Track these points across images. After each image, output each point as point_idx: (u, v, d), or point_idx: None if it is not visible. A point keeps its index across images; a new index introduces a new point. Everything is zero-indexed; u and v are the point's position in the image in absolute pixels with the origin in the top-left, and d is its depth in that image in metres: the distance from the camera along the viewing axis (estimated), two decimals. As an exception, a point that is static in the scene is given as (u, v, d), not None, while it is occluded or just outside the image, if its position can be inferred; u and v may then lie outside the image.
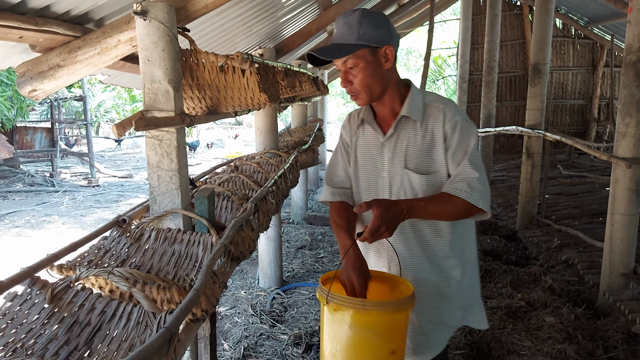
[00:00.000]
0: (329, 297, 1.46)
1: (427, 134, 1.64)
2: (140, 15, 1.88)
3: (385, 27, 1.57)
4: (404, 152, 1.66)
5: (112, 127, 1.69)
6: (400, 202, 1.53)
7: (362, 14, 1.56)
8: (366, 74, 1.58)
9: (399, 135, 1.67)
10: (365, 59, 1.56)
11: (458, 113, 1.63)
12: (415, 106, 1.64)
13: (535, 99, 5.72)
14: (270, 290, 4.27)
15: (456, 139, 1.60)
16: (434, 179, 1.63)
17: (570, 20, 10.58)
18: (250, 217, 2.30)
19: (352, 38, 1.55)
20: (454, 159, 1.60)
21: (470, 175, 1.55)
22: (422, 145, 1.64)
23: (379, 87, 1.62)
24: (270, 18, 3.90)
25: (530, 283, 4.40)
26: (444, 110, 1.62)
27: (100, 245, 1.93)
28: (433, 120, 1.63)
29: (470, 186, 1.53)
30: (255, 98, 2.11)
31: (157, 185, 2.04)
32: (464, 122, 1.62)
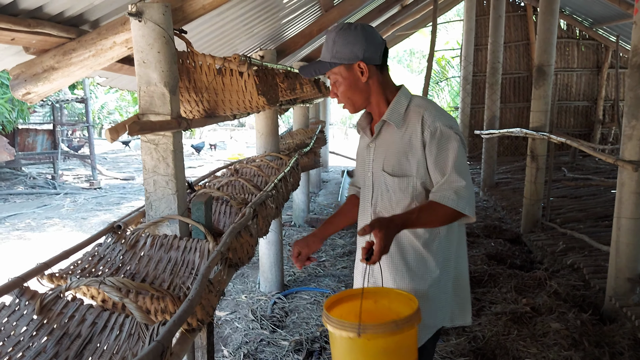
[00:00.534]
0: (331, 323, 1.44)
1: (404, 138, 1.70)
2: (135, 16, 1.83)
3: (359, 43, 1.64)
4: (384, 155, 1.75)
5: (105, 132, 1.64)
6: (395, 218, 1.58)
7: (338, 32, 1.66)
8: (345, 87, 1.69)
9: (381, 139, 1.78)
10: (341, 75, 1.68)
11: (438, 118, 1.66)
12: (397, 111, 1.72)
13: (540, 100, 5.66)
14: (271, 295, 4.21)
15: (436, 146, 1.65)
16: (406, 182, 1.70)
17: (574, 21, 10.51)
18: (248, 223, 2.25)
19: (327, 56, 1.67)
20: (437, 166, 1.65)
21: (456, 184, 1.61)
22: (399, 148, 1.71)
23: (360, 99, 1.72)
24: (271, 19, 3.85)
25: (535, 288, 4.34)
26: (423, 116, 1.67)
27: (94, 252, 1.89)
28: (412, 126, 1.69)
29: (458, 194, 1.59)
30: (254, 101, 2.06)
31: (153, 190, 1.99)
32: (444, 129, 1.65)
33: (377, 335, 1.41)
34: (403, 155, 1.70)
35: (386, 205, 1.75)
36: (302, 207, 6.67)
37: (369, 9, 6.33)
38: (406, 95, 1.76)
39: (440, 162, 1.64)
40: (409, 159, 1.69)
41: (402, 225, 1.57)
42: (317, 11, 4.49)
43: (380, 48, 1.69)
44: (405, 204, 1.71)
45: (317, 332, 3.53)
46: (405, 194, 1.70)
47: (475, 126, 10.25)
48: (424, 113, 1.67)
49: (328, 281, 4.54)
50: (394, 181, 1.71)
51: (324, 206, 7.59)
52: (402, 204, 1.71)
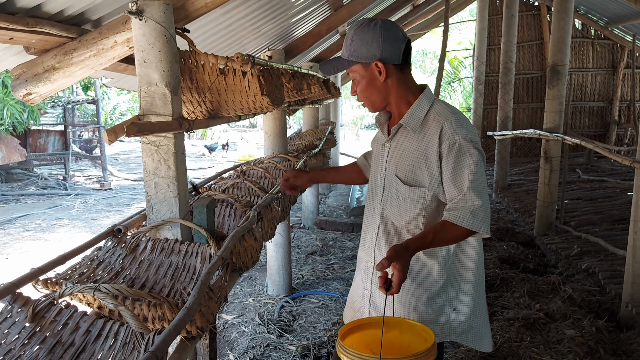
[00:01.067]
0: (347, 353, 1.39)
1: (420, 147, 1.65)
2: (135, 14, 1.78)
3: (375, 42, 1.61)
4: (398, 159, 1.71)
5: (103, 133, 1.60)
6: (410, 245, 1.53)
7: (356, 29, 1.64)
8: (363, 86, 1.68)
9: (396, 142, 1.73)
10: (359, 74, 1.67)
11: (459, 131, 1.59)
12: (416, 116, 1.67)
13: (554, 101, 5.55)
14: (279, 298, 4.16)
15: (453, 161, 1.59)
16: (417, 192, 1.65)
17: (589, 20, 10.34)
18: (253, 226, 2.19)
19: (346, 53, 1.66)
20: (453, 182, 1.60)
21: (472, 203, 1.56)
22: (414, 157, 1.66)
23: (378, 98, 1.70)
24: (279, 19, 3.80)
25: (548, 293, 4.24)
26: (443, 126, 1.61)
27: (94, 256, 1.84)
28: (430, 135, 1.64)
29: (473, 214, 1.55)
30: (257, 102, 2.01)
31: (154, 193, 1.94)
32: (463, 142, 1.58)
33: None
34: (417, 165, 1.65)
35: (394, 212, 1.71)
36: (312, 209, 6.61)
37: (379, 8, 6.26)
38: (428, 99, 1.70)
39: (457, 178, 1.58)
40: (423, 169, 1.64)
41: (416, 250, 1.55)
42: (326, 10, 4.43)
43: (400, 46, 1.64)
44: (414, 214, 1.67)
45: (324, 337, 3.47)
46: (415, 205, 1.66)
47: (488, 127, 10.13)
48: (444, 123, 1.61)
49: (337, 284, 4.47)
50: (406, 190, 1.67)
51: (333, 208, 7.53)
52: (410, 213, 1.67)
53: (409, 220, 1.68)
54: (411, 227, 1.69)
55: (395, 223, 1.72)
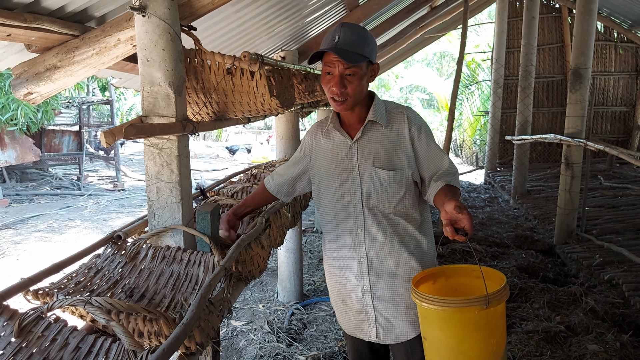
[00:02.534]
0: (430, 301, 1.53)
1: (392, 135, 1.85)
2: (138, 11, 1.70)
3: (376, 45, 1.81)
4: (372, 152, 1.84)
5: (100, 136, 1.51)
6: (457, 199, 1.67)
7: (367, 31, 1.78)
8: (359, 83, 1.74)
9: (366, 138, 1.85)
10: (362, 70, 1.74)
11: (417, 118, 1.89)
12: (380, 112, 1.85)
13: (576, 105, 5.37)
14: (290, 305, 4.06)
15: (425, 141, 1.85)
16: (400, 174, 1.82)
17: (612, 23, 10.09)
18: (260, 234, 2.09)
19: (364, 49, 1.72)
20: (432, 157, 1.84)
21: (454, 168, 1.86)
22: (388, 145, 1.84)
23: (360, 97, 1.79)
24: (293, 18, 3.70)
25: (569, 304, 4.08)
26: (407, 116, 1.86)
27: (92, 264, 1.76)
28: (398, 124, 1.85)
29: (456, 176, 1.86)
30: (266, 103, 1.91)
31: (156, 198, 1.85)
32: (425, 126, 1.88)
33: (499, 302, 1.50)
34: (393, 151, 1.83)
35: (381, 199, 1.84)
36: (325, 213, 6.50)
37: (396, 9, 6.14)
38: (381, 101, 1.90)
39: (433, 153, 1.84)
40: (399, 154, 1.83)
41: None
42: (341, 10, 4.33)
43: None
44: (401, 194, 1.82)
45: (335, 347, 3.35)
46: (400, 186, 1.82)
47: (506, 131, 9.93)
48: (407, 113, 1.86)
49: (349, 292, 4.35)
50: (389, 175, 1.82)
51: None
52: (397, 195, 1.82)
53: (396, 202, 1.83)
54: (399, 209, 1.84)
55: (383, 209, 1.85)
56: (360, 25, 1.81)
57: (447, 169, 1.84)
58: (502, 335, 1.60)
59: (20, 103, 7.84)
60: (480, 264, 1.62)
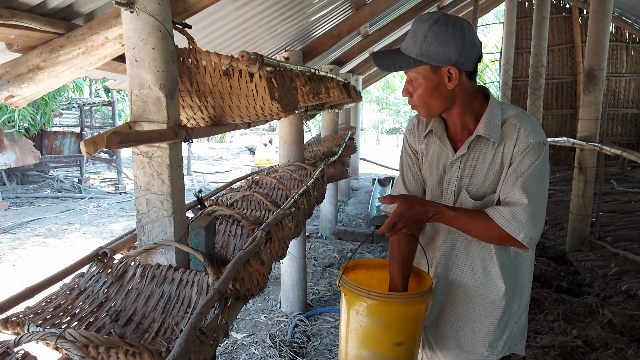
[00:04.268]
0: (341, 282, 1.58)
1: (497, 156, 1.52)
2: (125, 6, 1.54)
3: (454, 44, 1.42)
4: (471, 172, 1.57)
5: (81, 144, 1.35)
6: (429, 204, 1.49)
7: (432, 25, 1.42)
8: (424, 90, 1.47)
9: (470, 156, 1.57)
10: (424, 76, 1.46)
11: (533, 133, 1.48)
12: (494, 124, 1.52)
13: (590, 107, 5.19)
14: (293, 316, 3.89)
15: (518, 161, 1.48)
16: (485, 203, 1.55)
17: (624, 23, 9.88)
18: (260, 249, 1.93)
19: (414, 51, 1.44)
20: (509, 179, 1.50)
21: (516, 201, 1.44)
22: (491, 167, 1.53)
23: (439, 106, 1.50)
24: (297, 17, 3.54)
25: (585, 316, 3.90)
26: (519, 130, 1.49)
27: (74, 284, 1.60)
28: (507, 141, 1.51)
29: (513, 214, 1.43)
30: (266, 107, 1.74)
31: (146, 211, 1.69)
32: (535, 145, 1.47)
33: (384, 304, 1.52)
34: (492, 174, 1.53)
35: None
36: (330, 218, 6.33)
37: (404, 9, 5.98)
38: (497, 105, 1.56)
39: (514, 174, 1.48)
40: (494, 178, 1.54)
41: (434, 214, 1.47)
42: (347, 9, 4.17)
43: (476, 53, 1.48)
44: None
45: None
46: None
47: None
48: (521, 127, 1.49)
49: (355, 302, 4.18)
50: (475, 204, 1.55)
51: (352, 217, 7.23)
52: None
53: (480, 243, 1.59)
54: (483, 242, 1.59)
55: (465, 236, 1.62)
56: (437, 17, 1.44)
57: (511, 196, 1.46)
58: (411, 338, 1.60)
59: (17, 105, 7.71)
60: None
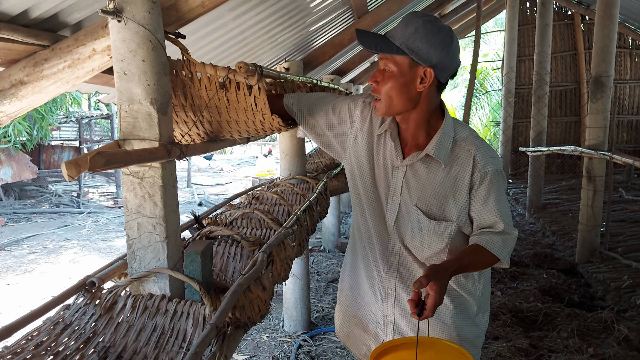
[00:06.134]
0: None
1: (448, 178, 1.50)
2: (112, 15, 1.41)
3: (440, 47, 1.39)
4: (419, 191, 1.53)
5: (62, 167, 1.22)
6: (449, 266, 1.41)
7: (425, 22, 1.39)
8: (394, 83, 1.42)
9: (415, 169, 1.53)
10: (399, 67, 1.41)
11: (490, 162, 1.49)
12: (444, 146, 1.49)
13: (597, 115, 5.08)
14: (296, 336, 3.74)
15: (485, 191, 1.50)
16: (444, 226, 1.51)
17: (627, 29, 9.79)
18: (261, 273, 1.80)
19: (399, 39, 1.39)
20: (485, 212, 1.51)
21: (507, 232, 1.51)
22: (441, 188, 1.51)
23: (400, 105, 1.45)
24: (298, 26, 3.44)
25: (600, 332, 3.75)
26: (475, 157, 1.49)
27: (59, 318, 1.47)
28: (460, 165, 1.50)
29: (505, 243, 1.50)
30: (267, 122, 1.62)
31: (137, 236, 1.56)
32: (494, 174, 1.49)
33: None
34: (444, 198, 1.51)
35: (416, 245, 1.56)
36: (333, 231, 6.20)
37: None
38: (450, 123, 1.53)
39: (488, 207, 1.50)
40: (450, 202, 1.51)
41: (454, 273, 1.43)
42: (349, 17, 4.06)
43: (454, 68, 1.47)
44: (439, 247, 1.54)
45: (347, 387, 3.04)
46: (441, 239, 1.53)
47: (518, 142, 9.60)
48: (477, 153, 1.49)
49: (360, 319, 4.03)
50: (430, 224, 1.51)
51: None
52: (435, 247, 1.54)
53: (432, 253, 1.55)
54: (433, 260, 1.55)
55: (416, 255, 1.58)
56: (430, 18, 1.41)
57: (498, 228, 1.50)
58: None
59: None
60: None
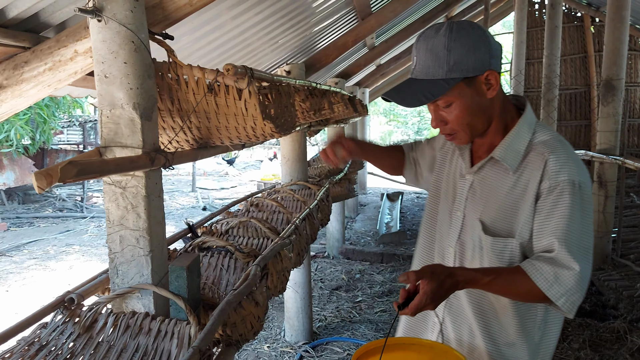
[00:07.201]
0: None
1: (517, 188, 1.28)
2: (91, 14, 1.32)
3: (484, 45, 1.21)
4: (483, 200, 1.34)
5: (32, 178, 1.13)
6: (457, 273, 1.21)
7: (449, 34, 1.19)
8: (463, 111, 1.24)
9: (483, 176, 1.35)
10: (460, 94, 1.23)
11: (565, 170, 1.22)
12: (514, 148, 1.29)
13: (609, 119, 4.96)
14: (298, 347, 3.64)
15: (550, 203, 1.23)
16: (503, 244, 1.29)
17: (638, 31, 9.62)
18: (254, 288, 1.70)
19: (440, 72, 1.20)
20: (544, 230, 1.23)
21: (564, 264, 1.19)
22: (507, 199, 1.29)
23: (482, 123, 1.29)
24: (299, 28, 3.34)
25: (612, 343, 3.62)
26: (547, 162, 1.24)
27: (34, 337, 1.37)
28: (530, 171, 1.26)
29: (557, 278, 1.19)
30: (258, 128, 1.52)
31: (120, 250, 1.47)
32: (568, 185, 1.21)
33: None
34: (509, 210, 1.29)
35: (475, 265, 1.34)
36: (337, 237, 6.08)
37: (411, 19, 5.78)
38: (530, 125, 1.32)
39: (549, 225, 1.22)
40: (517, 215, 1.28)
41: (465, 284, 1.21)
42: (353, 19, 3.96)
43: (500, 50, 1.28)
44: None
45: (349, 401, 2.93)
46: (500, 259, 1.30)
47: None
48: (550, 157, 1.24)
49: (364, 329, 3.92)
50: (488, 241, 1.30)
51: (361, 234, 6.97)
52: None
53: None
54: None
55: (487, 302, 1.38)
56: (446, 25, 1.22)
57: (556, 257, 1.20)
58: None
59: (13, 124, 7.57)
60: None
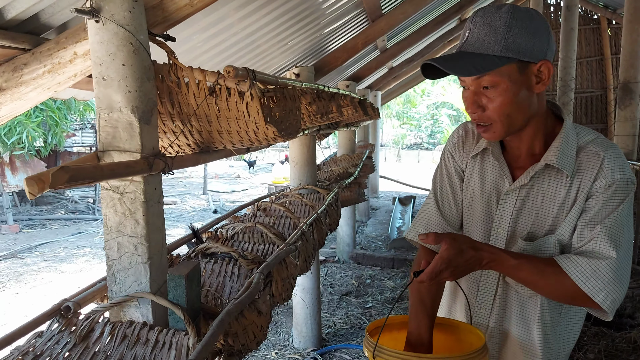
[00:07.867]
0: (376, 352, 1.23)
1: (571, 192, 1.22)
2: (88, 14, 1.29)
3: (544, 33, 1.15)
4: (536, 211, 1.27)
5: (23, 183, 1.09)
6: (483, 248, 1.17)
7: (512, 12, 1.13)
8: (508, 98, 1.15)
9: (533, 188, 1.27)
10: (510, 78, 1.14)
11: (621, 169, 1.17)
12: (568, 153, 1.22)
13: (626, 123, 4.86)
14: (306, 353, 3.58)
15: (603, 201, 1.18)
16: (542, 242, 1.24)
17: (655, 33, 9.45)
18: (256, 297, 1.65)
19: (495, 47, 1.12)
20: (590, 222, 1.18)
21: (601, 253, 1.14)
22: (564, 205, 1.23)
23: (521, 118, 1.20)
24: (309, 29, 3.30)
25: (629, 353, 3.53)
26: (604, 161, 1.19)
27: (29, 347, 1.33)
28: (584, 171, 1.21)
29: (595, 270, 1.13)
30: (261, 132, 1.47)
31: (117, 257, 1.43)
32: (623, 184, 1.16)
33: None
34: (559, 213, 1.24)
35: None
36: (348, 241, 6.02)
37: (423, 22, 5.71)
38: (573, 130, 1.26)
39: (596, 218, 1.17)
40: (561, 217, 1.23)
41: (490, 262, 1.16)
42: (363, 21, 3.91)
43: (555, 48, 1.20)
44: None
45: (357, 411, 2.86)
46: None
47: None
48: (606, 157, 1.19)
49: (373, 336, 3.85)
50: (529, 245, 1.25)
51: (372, 238, 6.90)
52: None
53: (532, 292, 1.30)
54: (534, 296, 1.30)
55: (518, 290, 1.33)
56: (510, 6, 1.15)
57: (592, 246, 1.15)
58: None
59: (26, 126, 7.63)
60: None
